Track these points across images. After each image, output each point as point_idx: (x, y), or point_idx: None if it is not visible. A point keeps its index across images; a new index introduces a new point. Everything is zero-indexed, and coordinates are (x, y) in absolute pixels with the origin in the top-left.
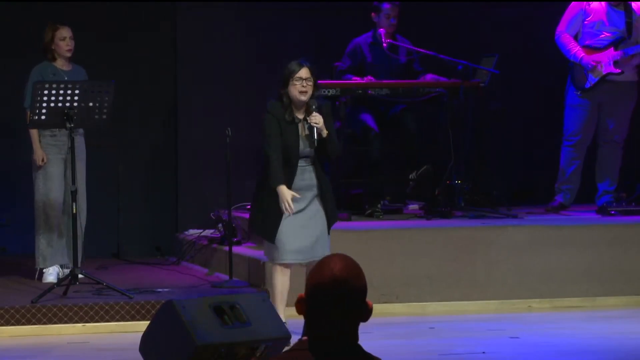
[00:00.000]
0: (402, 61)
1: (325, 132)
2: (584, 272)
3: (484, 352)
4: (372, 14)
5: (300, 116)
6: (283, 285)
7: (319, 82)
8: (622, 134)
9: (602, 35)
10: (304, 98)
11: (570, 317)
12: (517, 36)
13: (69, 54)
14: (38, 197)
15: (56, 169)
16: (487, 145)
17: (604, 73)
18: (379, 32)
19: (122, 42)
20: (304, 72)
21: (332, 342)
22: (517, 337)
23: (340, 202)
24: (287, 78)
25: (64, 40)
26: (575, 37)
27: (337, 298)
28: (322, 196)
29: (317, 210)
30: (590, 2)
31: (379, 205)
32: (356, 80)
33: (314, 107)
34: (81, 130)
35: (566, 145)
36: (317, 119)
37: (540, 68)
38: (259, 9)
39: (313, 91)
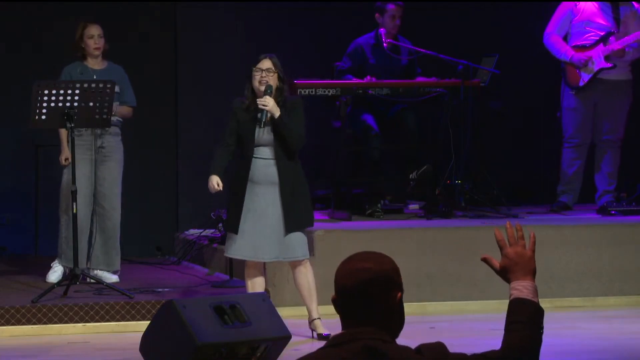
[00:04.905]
0: (404, 62)
1: (277, 114)
2: (584, 272)
3: None
4: (376, 15)
5: None
6: (253, 282)
7: (319, 81)
8: (619, 133)
9: (590, 33)
10: (262, 88)
11: (570, 317)
12: (517, 36)
13: (97, 52)
14: (61, 198)
15: (81, 169)
16: (487, 145)
17: (596, 69)
18: (380, 32)
19: (122, 42)
20: (264, 64)
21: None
22: None
23: (341, 202)
24: (251, 69)
25: (91, 38)
26: (565, 38)
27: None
28: (283, 195)
29: (274, 209)
30: (579, 2)
31: (379, 205)
32: (356, 80)
33: (268, 90)
34: (116, 130)
35: (566, 147)
36: (265, 101)
37: (540, 68)
38: (259, 9)
39: (278, 84)
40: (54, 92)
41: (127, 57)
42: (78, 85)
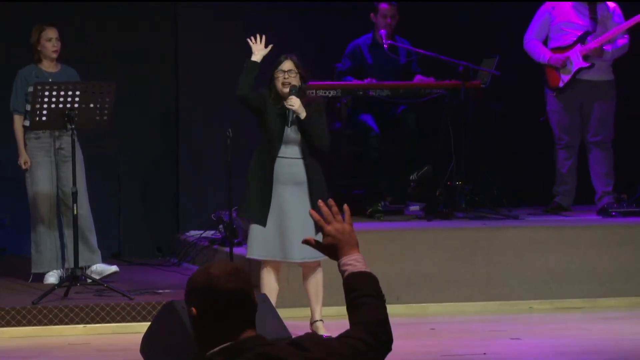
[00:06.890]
0: (402, 62)
1: (302, 115)
2: (585, 273)
3: (484, 353)
4: (371, 15)
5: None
6: (269, 286)
7: (320, 82)
8: (608, 134)
9: (568, 34)
10: (286, 90)
11: (571, 318)
12: (517, 37)
13: (54, 55)
14: (29, 201)
15: (43, 172)
16: (488, 146)
17: (574, 69)
18: (380, 33)
19: (122, 42)
20: (286, 65)
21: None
22: (518, 338)
23: (341, 203)
24: (272, 71)
25: (49, 41)
26: (546, 42)
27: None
28: (314, 195)
29: (300, 209)
30: (556, 4)
31: (379, 206)
32: (356, 81)
33: (293, 90)
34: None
35: (557, 148)
36: (292, 101)
37: (540, 69)
38: (259, 9)
39: (301, 83)
40: (54, 93)
41: (128, 57)
42: (79, 86)
